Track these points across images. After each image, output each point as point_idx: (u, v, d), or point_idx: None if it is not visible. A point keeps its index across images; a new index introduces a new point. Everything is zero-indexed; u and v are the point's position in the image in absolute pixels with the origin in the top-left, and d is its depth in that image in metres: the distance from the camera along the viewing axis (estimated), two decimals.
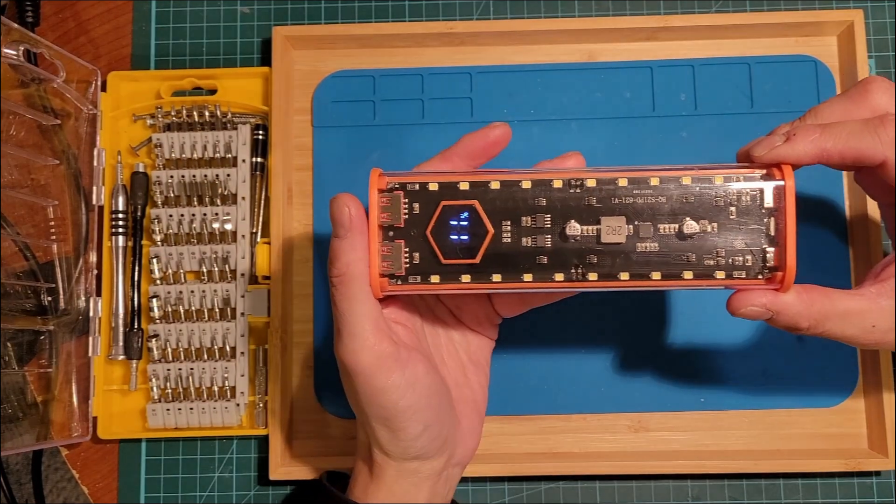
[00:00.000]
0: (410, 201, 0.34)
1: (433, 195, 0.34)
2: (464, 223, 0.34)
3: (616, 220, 0.33)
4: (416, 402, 0.34)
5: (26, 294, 0.46)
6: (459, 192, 0.34)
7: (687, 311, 0.47)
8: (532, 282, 0.33)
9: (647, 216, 0.33)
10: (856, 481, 0.47)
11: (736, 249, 0.33)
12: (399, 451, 0.36)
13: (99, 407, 0.47)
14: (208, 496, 0.48)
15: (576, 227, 0.33)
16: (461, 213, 0.34)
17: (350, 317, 0.33)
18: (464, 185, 0.34)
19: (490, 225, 0.33)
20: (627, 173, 0.33)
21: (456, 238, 0.34)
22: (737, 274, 0.33)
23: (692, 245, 0.33)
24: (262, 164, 0.48)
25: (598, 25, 0.48)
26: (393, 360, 0.34)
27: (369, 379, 0.33)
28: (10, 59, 0.44)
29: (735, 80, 0.48)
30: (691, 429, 0.46)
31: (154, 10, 0.51)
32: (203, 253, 0.47)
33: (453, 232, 0.34)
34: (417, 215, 0.34)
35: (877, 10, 0.50)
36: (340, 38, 0.49)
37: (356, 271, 0.33)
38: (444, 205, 0.34)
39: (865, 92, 0.35)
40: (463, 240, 0.34)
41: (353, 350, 0.33)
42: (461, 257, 0.34)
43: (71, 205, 0.48)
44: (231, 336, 0.47)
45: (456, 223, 0.34)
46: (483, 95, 0.48)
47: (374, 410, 0.34)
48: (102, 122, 0.49)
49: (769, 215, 0.33)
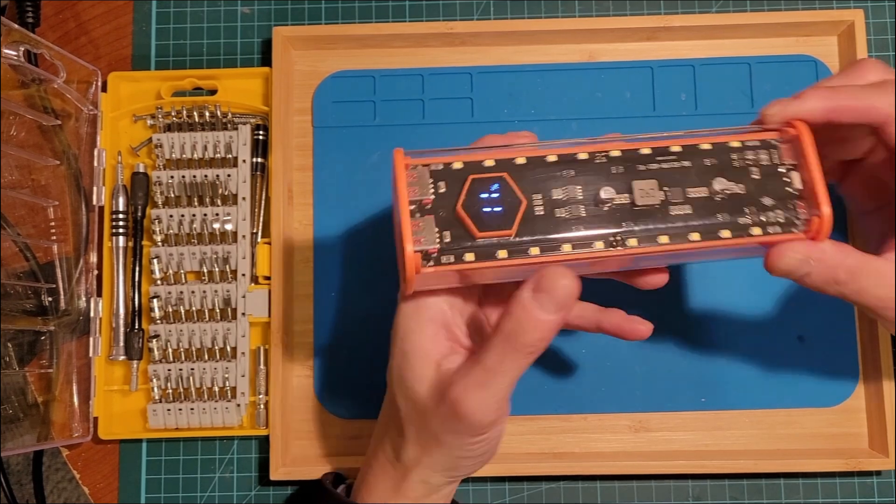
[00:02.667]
0: (435, 180, 0.32)
1: (459, 173, 0.32)
2: (495, 195, 0.32)
3: (648, 183, 0.32)
4: (492, 446, 0.35)
5: (27, 294, 0.46)
6: (485, 168, 0.32)
7: (687, 311, 0.47)
8: (571, 253, 0.32)
9: (674, 181, 0.33)
10: (856, 481, 0.47)
11: (766, 206, 0.33)
12: (447, 480, 0.36)
13: (100, 407, 0.47)
14: (209, 496, 0.48)
15: (610, 191, 0.32)
16: (491, 185, 0.32)
17: (505, 378, 0.31)
18: (489, 162, 0.32)
19: (523, 195, 0.32)
20: (647, 143, 0.33)
21: (489, 210, 0.32)
22: (772, 229, 0.32)
23: (724, 205, 0.33)
24: (263, 164, 0.48)
25: (598, 25, 0.48)
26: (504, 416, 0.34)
27: (478, 432, 0.33)
28: (10, 60, 0.44)
29: (735, 80, 0.48)
30: (692, 429, 0.46)
31: (154, 11, 0.51)
32: (203, 253, 0.47)
33: (485, 204, 0.32)
34: (444, 194, 0.32)
35: (877, 9, 0.50)
36: (340, 38, 0.49)
37: (542, 347, 0.31)
38: (472, 178, 0.32)
39: (861, 69, 0.36)
40: (496, 211, 0.32)
41: (489, 410, 0.32)
42: (497, 230, 0.32)
43: (71, 205, 0.48)
44: (231, 336, 0.47)
45: (486, 196, 0.32)
46: (483, 95, 0.48)
47: (459, 453, 0.34)
48: (103, 122, 0.49)
49: (792, 170, 0.33)
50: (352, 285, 0.48)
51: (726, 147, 0.33)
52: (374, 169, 0.48)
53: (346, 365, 0.47)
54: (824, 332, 0.41)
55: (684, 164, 0.33)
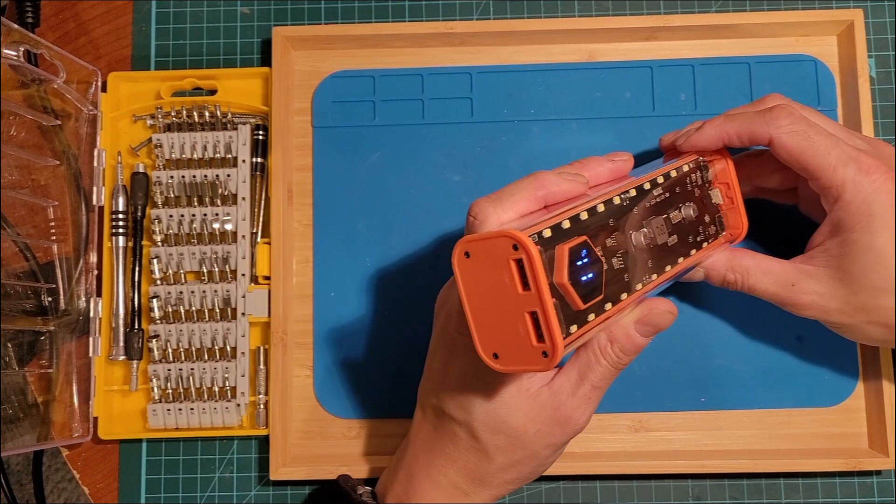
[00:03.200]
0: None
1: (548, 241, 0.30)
2: (586, 261, 0.30)
3: (657, 221, 0.36)
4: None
5: (27, 294, 0.46)
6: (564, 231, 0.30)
7: (687, 311, 0.47)
8: (626, 299, 0.33)
9: (660, 212, 0.36)
10: (856, 481, 0.47)
11: (705, 221, 0.39)
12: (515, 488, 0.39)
13: (99, 407, 0.47)
14: (209, 496, 0.48)
15: (637, 237, 0.34)
16: (581, 251, 0.30)
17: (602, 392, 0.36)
18: (566, 224, 0.31)
19: (601, 256, 0.31)
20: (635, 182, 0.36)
21: (586, 278, 0.30)
22: (711, 241, 0.39)
23: (691, 227, 0.38)
24: (263, 164, 0.48)
25: (598, 25, 0.48)
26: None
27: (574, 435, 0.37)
28: (10, 60, 0.44)
29: (735, 80, 0.48)
30: (692, 428, 0.46)
31: (154, 11, 0.51)
32: (203, 253, 0.47)
33: (583, 273, 0.30)
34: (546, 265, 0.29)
35: (877, 9, 0.50)
36: (340, 38, 0.49)
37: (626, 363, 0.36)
38: (570, 247, 0.30)
39: (764, 100, 0.41)
40: (590, 278, 0.30)
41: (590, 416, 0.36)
42: (593, 297, 0.31)
43: (71, 205, 0.48)
44: (231, 336, 0.47)
45: (581, 263, 0.30)
46: (483, 95, 0.48)
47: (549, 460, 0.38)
48: (103, 122, 0.49)
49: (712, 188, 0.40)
50: (352, 285, 0.48)
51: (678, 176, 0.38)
52: (374, 169, 0.48)
53: (346, 365, 0.47)
54: (824, 331, 0.41)
55: (666, 196, 0.37)
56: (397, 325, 0.47)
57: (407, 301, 0.47)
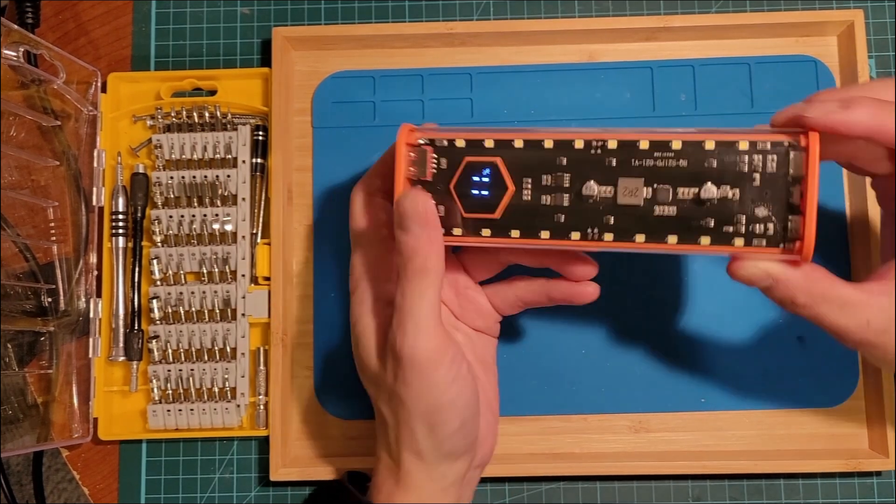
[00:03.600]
0: (439, 157, 0.35)
1: (459, 151, 0.35)
2: (485, 179, 0.35)
3: (633, 182, 0.33)
4: (458, 397, 0.35)
5: (26, 295, 0.46)
6: (484, 150, 0.35)
7: (687, 311, 0.47)
8: (549, 239, 0.34)
9: (666, 179, 0.33)
10: (856, 481, 0.47)
11: (758, 217, 0.32)
12: (433, 448, 0.35)
13: (99, 408, 0.47)
14: (209, 497, 0.48)
15: (593, 186, 0.33)
16: (483, 170, 0.35)
17: (419, 309, 0.34)
18: (489, 143, 0.35)
19: (511, 182, 0.34)
20: (649, 136, 0.33)
21: (477, 193, 0.35)
22: (756, 242, 0.32)
23: (712, 210, 0.32)
24: (262, 164, 0.48)
25: (598, 26, 0.48)
26: (447, 354, 0.35)
27: (425, 371, 0.34)
28: (10, 61, 0.44)
29: (735, 80, 0.48)
30: (692, 429, 0.46)
31: (154, 11, 0.51)
32: (203, 254, 0.47)
33: (475, 187, 0.35)
34: (444, 171, 0.35)
35: (877, 10, 0.50)
36: (340, 38, 0.49)
37: (432, 265, 0.34)
38: (467, 161, 0.35)
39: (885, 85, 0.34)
40: (483, 195, 0.35)
41: (417, 342, 0.34)
42: (482, 212, 0.35)
43: (71, 206, 0.48)
44: (231, 337, 0.47)
45: (478, 179, 0.35)
46: (483, 96, 0.48)
47: (420, 405, 0.35)
48: (102, 123, 0.49)
49: (794, 184, 0.32)
50: None
51: (732, 148, 0.32)
52: None
53: (346, 365, 0.47)
54: (824, 332, 0.41)
55: (681, 164, 0.33)
56: None
57: None
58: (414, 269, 0.34)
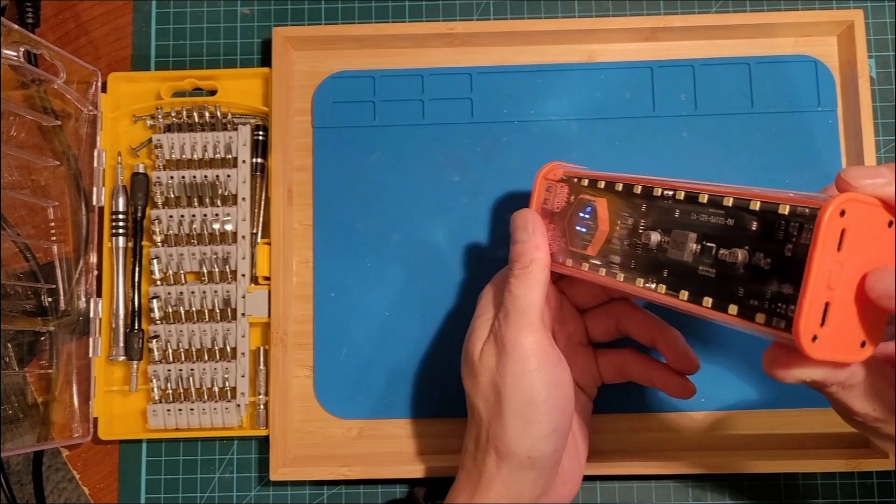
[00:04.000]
0: (569, 192, 0.39)
1: (580, 189, 0.38)
2: (586, 216, 0.37)
3: (682, 235, 0.32)
4: (554, 399, 0.36)
5: (27, 295, 0.46)
6: (595, 189, 0.37)
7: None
8: (623, 282, 0.35)
9: (712, 238, 0.31)
10: (856, 481, 0.47)
11: (782, 295, 0.28)
12: (522, 448, 0.36)
13: (99, 408, 0.47)
14: (209, 497, 0.48)
15: (653, 236, 0.34)
16: (587, 207, 0.38)
17: (523, 301, 0.37)
18: (601, 184, 0.37)
19: (606, 221, 0.36)
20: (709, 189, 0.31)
21: (579, 229, 0.38)
22: (776, 323, 0.28)
23: (743, 277, 0.29)
24: (263, 164, 0.48)
25: (598, 25, 0.48)
26: (548, 353, 0.37)
27: (524, 360, 0.36)
28: (10, 61, 0.44)
29: (735, 80, 0.48)
30: (692, 429, 0.46)
31: (154, 11, 0.51)
32: (203, 254, 0.47)
33: (579, 224, 0.38)
34: (569, 205, 0.39)
35: (877, 9, 0.50)
36: (340, 38, 0.49)
37: (536, 266, 0.38)
38: (580, 197, 0.38)
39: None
40: (582, 231, 0.38)
41: (520, 331, 0.36)
42: (580, 247, 0.38)
43: (71, 206, 0.48)
44: (231, 337, 0.47)
45: (582, 215, 0.38)
46: (483, 96, 0.48)
47: (517, 395, 0.36)
48: (103, 122, 0.49)
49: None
50: (352, 285, 0.48)
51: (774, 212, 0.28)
52: (374, 169, 0.48)
53: (346, 365, 0.47)
54: None
55: (729, 223, 0.30)
56: (397, 325, 0.47)
57: (407, 301, 0.47)
58: (521, 267, 0.38)
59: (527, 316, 0.37)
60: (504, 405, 0.36)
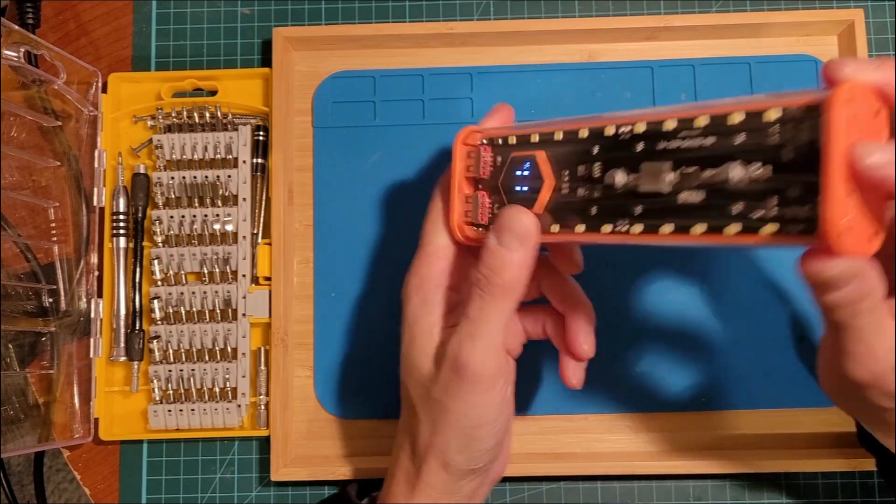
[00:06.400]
0: (495, 154, 0.36)
1: (509, 148, 0.35)
2: (525, 173, 0.35)
3: (655, 167, 0.30)
4: (501, 418, 0.35)
5: (27, 296, 0.46)
6: (529, 144, 0.35)
7: (688, 311, 0.47)
8: (584, 233, 0.32)
9: (693, 162, 0.29)
10: (858, 481, 0.47)
11: (791, 198, 0.26)
12: (463, 462, 0.35)
13: (100, 408, 0.47)
14: (210, 497, 0.48)
15: (620, 175, 0.31)
16: (524, 163, 0.35)
17: (494, 326, 0.33)
18: (534, 137, 0.35)
19: (550, 175, 0.34)
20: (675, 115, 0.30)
21: (519, 188, 0.35)
22: (791, 228, 0.26)
23: (742, 193, 0.28)
24: (263, 164, 0.48)
25: (598, 25, 0.48)
26: (503, 374, 0.34)
27: (482, 388, 0.33)
28: (10, 61, 0.44)
29: (735, 80, 0.48)
30: (693, 429, 0.46)
31: (154, 12, 0.51)
32: (204, 254, 0.47)
33: (518, 183, 0.35)
34: (498, 168, 0.36)
35: (877, 9, 0.50)
36: (341, 38, 0.49)
37: (519, 285, 0.33)
38: (512, 155, 0.35)
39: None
40: (524, 190, 0.35)
41: (485, 359, 0.33)
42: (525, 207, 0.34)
43: (72, 206, 0.48)
44: (232, 337, 0.47)
45: (520, 174, 0.35)
46: (483, 95, 0.48)
47: (465, 419, 0.34)
48: (103, 123, 0.49)
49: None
50: (352, 285, 0.48)
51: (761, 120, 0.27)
52: (374, 169, 0.48)
53: (346, 365, 0.47)
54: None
55: (708, 142, 0.29)
56: (398, 326, 0.47)
57: None
58: (500, 284, 0.33)
59: (494, 344, 0.33)
60: (450, 425, 0.34)
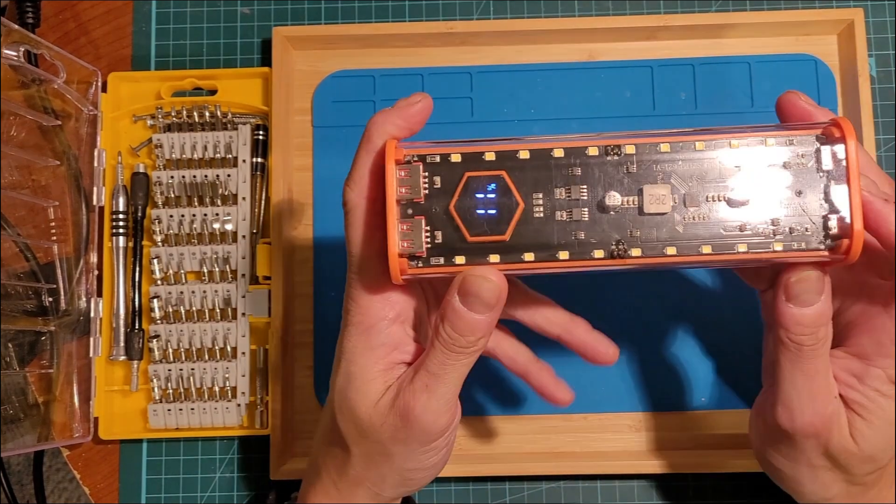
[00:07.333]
0: (431, 174, 0.31)
1: (456, 167, 0.31)
2: (491, 196, 0.30)
3: (660, 188, 0.30)
4: (442, 461, 0.35)
5: (27, 295, 0.46)
6: (485, 163, 0.31)
7: (688, 311, 0.47)
8: (569, 260, 0.30)
9: (692, 184, 0.30)
10: None
11: (792, 217, 0.29)
12: (394, 496, 0.36)
13: (100, 407, 0.47)
14: (209, 496, 0.48)
15: (616, 197, 0.30)
16: (488, 185, 0.30)
17: (453, 383, 0.32)
18: (489, 156, 0.31)
19: (520, 197, 0.30)
20: (670, 138, 0.30)
21: (483, 212, 0.30)
22: (795, 245, 0.29)
23: (745, 213, 0.30)
24: (263, 164, 0.48)
25: (598, 25, 0.48)
26: (453, 424, 0.33)
27: (431, 440, 0.33)
28: (10, 60, 0.44)
29: (735, 79, 0.48)
30: (692, 428, 0.46)
31: (154, 11, 0.51)
32: (204, 253, 0.47)
33: (480, 206, 0.30)
34: (439, 189, 0.30)
35: (877, 8, 0.50)
36: (340, 38, 0.49)
37: (481, 346, 0.31)
38: (468, 176, 0.30)
39: None
40: (490, 214, 0.30)
41: (440, 416, 0.32)
42: (489, 234, 0.30)
43: (72, 205, 0.48)
44: (232, 336, 0.47)
45: (482, 196, 0.30)
46: (483, 95, 0.48)
47: (408, 464, 0.34)
48: (103, 122, 0.49)
49: (829, 179, 0.29)
50: None
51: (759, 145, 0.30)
52: None
53: None
54: None
55: (706, 166, 0.30)
56: None
57: None
58: (463, 344, 0.31)
59: (451, 401, 0.32)
60: (389, 466, 0.34)
